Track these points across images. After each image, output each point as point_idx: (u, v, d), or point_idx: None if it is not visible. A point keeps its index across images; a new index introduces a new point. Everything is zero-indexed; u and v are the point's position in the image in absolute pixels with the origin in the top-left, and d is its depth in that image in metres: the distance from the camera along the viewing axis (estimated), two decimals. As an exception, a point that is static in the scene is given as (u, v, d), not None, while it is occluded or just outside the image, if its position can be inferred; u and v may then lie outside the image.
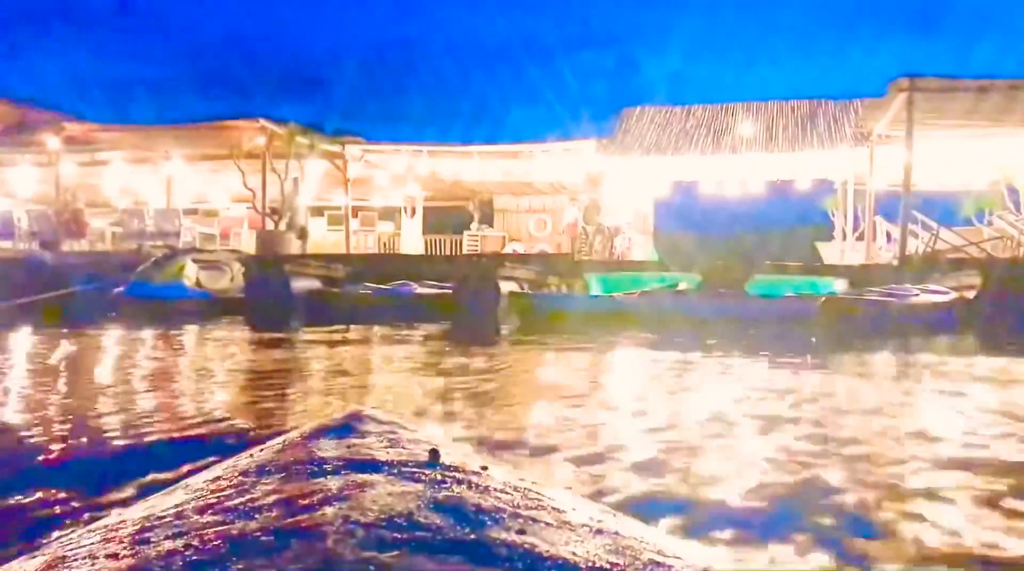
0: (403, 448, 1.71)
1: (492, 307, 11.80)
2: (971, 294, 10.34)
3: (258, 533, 1.18)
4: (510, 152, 19.21)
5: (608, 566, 1.22)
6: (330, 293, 12.36)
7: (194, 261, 13.18)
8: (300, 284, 12.68)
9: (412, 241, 21.02)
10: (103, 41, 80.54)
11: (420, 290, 12.63)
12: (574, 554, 1.23)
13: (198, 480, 1.66)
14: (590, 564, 1.21)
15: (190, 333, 9.93)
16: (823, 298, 9.49)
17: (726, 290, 11.13)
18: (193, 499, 1.44)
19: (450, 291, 12.44)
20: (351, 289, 12.54)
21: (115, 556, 1.18)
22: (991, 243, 13.63)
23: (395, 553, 1.12)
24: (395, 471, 1.50)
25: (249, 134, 16.97)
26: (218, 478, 1.58)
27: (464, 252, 19.98)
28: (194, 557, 1.12)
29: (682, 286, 12.44)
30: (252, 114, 16.74)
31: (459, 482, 1.49)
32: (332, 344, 8.71)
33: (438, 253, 21.67)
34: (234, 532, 1.20)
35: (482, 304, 12.07)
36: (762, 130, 18.40)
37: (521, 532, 1.27)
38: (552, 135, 18.96)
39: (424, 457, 1.63)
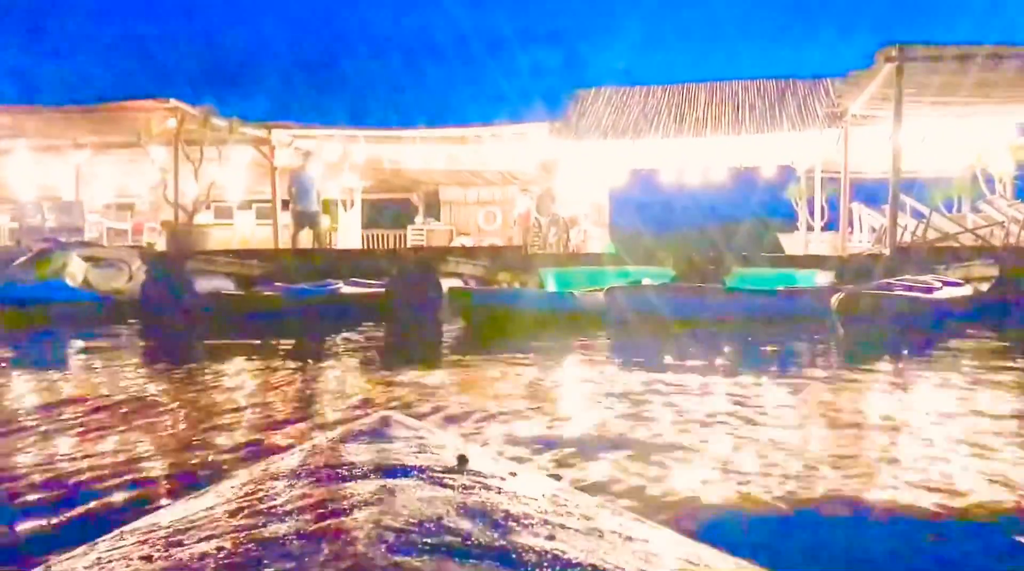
0: (431, 453, 1.66)
1: (432, 308, 9.66)
2: (984, 286, 8.55)
3: (290, 537, 1.17)
4: (456, 137, 17.22)
5: (638, 574, 1.13)
6: (235, 296, 10.12)
7: (83, 257, 10.85)
8: (207, 284, 10.42)
9: (350, 236, 18.85)
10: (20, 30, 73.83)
11: (346, 289, 10.48)
12: (604, 561, 1.20)
13: (229, 484, 1.63)
14: (620, 571, 1.11)
15: (38, 351, 7.67)
16: (839, 294, 7.55)
17: (704, 285, 9.21)
18: (225, 503, 1.42)
19: (382, 290, 10.28)
20: (263, 289, 10.30)
21: (149, 558, 1.18)
22: (985, 230, 11.81)
23: (425, 558, 1.09)
24: (424, 476, 1.47)
25: (159, 116, 14.71)
26: (249, 482, 1.56)
27: (408, 247, 17.79)
28: (226, 560, 1.11)
29: (645, 282, 10.88)
30: (161, 94, 14.32)
31: (488, 487, 1.45)
32: (212, 365, 6.44)
33: (380, 249, 19.44)
34: (266, 535, 1.19)
35: (420, 304, 9.92)
36: (728, 111, 16.49)
37: (551, 538, 1.25)
38: (501, 118, 16.73)
39: (452, 462, 1.57)
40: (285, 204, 16.52)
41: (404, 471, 1.50)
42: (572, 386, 5.76)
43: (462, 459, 1.61)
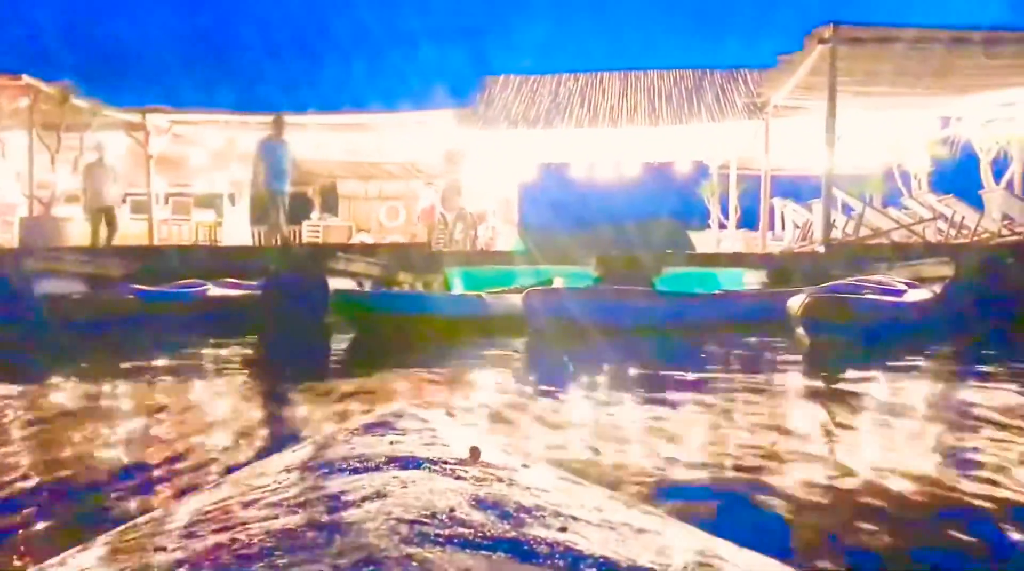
0: (443, 445, 1.65)
1: (317, 314, 8.00)
2: (937, 287, 7.51)
3: (303, 528, 1.16)
4: (354, 124, 15.63)
5: (651, 566, 1.16)
6: (77, 300, 8.25)
7: None
8: (50, 285, 8.52)
9: (238, 232, 16.90)
10: None
11: (216, 292, 8.72)
12: (616, 553, 1.17)
13: (242, 475, 1.61)
14: (632, 563, 1.14)
15: None
16: (801, 297, 6.25)
17: (635, 288, 7.90)
18: (238, 494, 1.41)
19: (258, 292, 8.58)
20: (115, 293, 8.45)
21: (163, 549, 1.16)
22: (921, 226, 10.96)
23: (438, 550, 1.08)
24: (437, 468, 1.46)
25: (8, 95, 12.41)
26: (262, 474, 1.54)
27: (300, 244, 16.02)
28: (240, 551, 1.09)
29: (558, 282, 10.05)
30: (11, 69, 12.17)
31: (500, 479, 1.44)
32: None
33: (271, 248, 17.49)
34: (279, 527, 1.17)
35: (303, 310, 8.26)
36: (644, 102, 15.33)
37: (563, 530, 1.23)
38: (403, 104, 15.12)
39: (464, 454, 1.55)
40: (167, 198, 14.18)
41: (416, 462, 1.48)
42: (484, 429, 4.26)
43: (474, 451, 1.58)
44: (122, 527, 1.38)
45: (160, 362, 6.67)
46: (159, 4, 72.24)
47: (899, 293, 7.40)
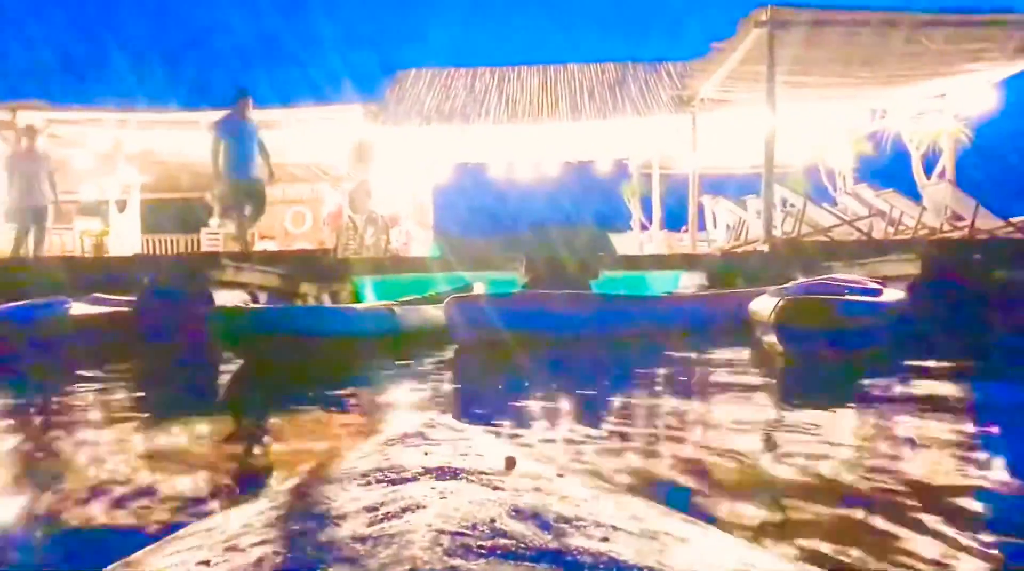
0: (477, 455, 1.64)
1: (200, 334, 6.51)
2: (901, 287, 6.65)
3: (346, 540, 1.14)
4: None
5: (693, 576, 1.22)
6: None
7: None
8: None
9: (128, 242, 15.16)
10: None
11: (82, 309, 7.17)
12: (660, 563, 1.16)
13: (282, 489, 1.56)
14: (675, 574, 1.21)
15: None
16: (773, 300, 5.10)
17: (577, 293, 6.75)
18: (279, 507, 1.38)
19: (129, 309, 7.11)
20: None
21: (207, 563, 1.14)
22: (866, 222, 10.21)
23: (482, 561, 1.08)
24: (474, 479, 1.44)
25: None
26: (301, 486, 1.52)
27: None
28: (284, 565, 1.09)
29: (478, 288, 8.92)
30: None
31: (537, 489, 1.42)
32: None
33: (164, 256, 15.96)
34: (322, 539, 1.16)
35: (184, 330, 6.78)
36: (566, 96, 14.26)
37: (604, 540, 1.21)
38: (307, 100, 13.62)
39: (500, 464, 1.53)
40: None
41: (454, 474, 1.47)
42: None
43: (510, 461, 1.56)
44: (162, 540, 1.37)
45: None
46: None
47: (876, 293, 6.39)
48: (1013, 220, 11.30)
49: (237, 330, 6.58)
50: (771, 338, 5.44)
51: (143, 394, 5.79)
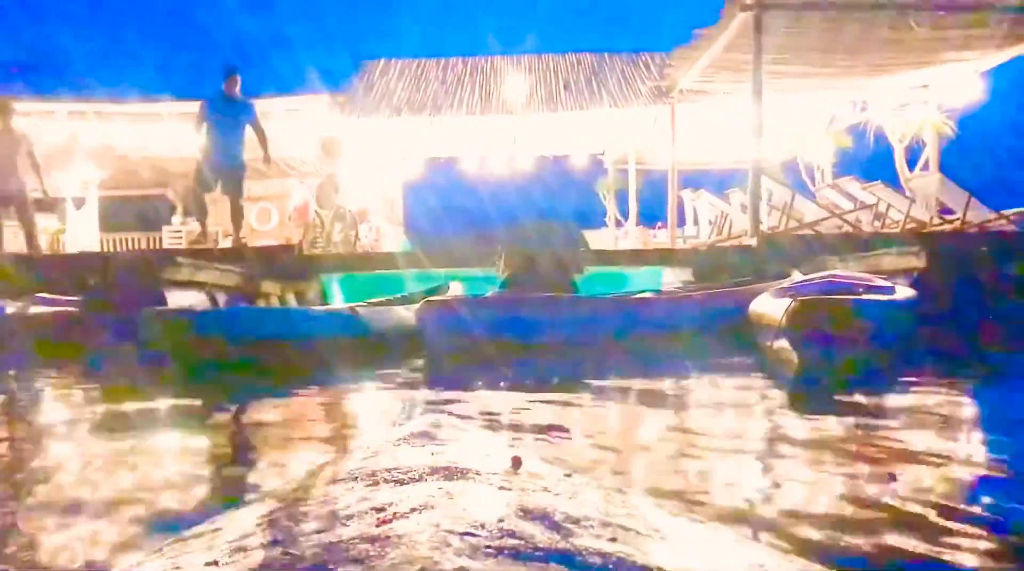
0: (484, 455, 1.63)
1: (150, 340, 5.79)
2: (906, 283, 6.19)
3: (354, 540, 1.13)
4: (215, 112, 13.12)
5: (701, 575, 1.23)
6: None
7: None
8: None
9: (86, 240, 14.41)
10: None
11: (23, 310, 6.55)
12: (668, 562, 1.15)
13: (288, 489, 1.55)
14: (684, 573, 1.21)
15: None
16: (786, 301, 4.51)
17: (558, 294, 6.15)
18: (286, 508, 1.36)
19: (74, 311, 6.51)
20: None
21: (215, 563, 1.12)
22: (854, 216, 9.82)
23: (491, 562, 1.06)
24: (481, 478, 1.42)
25: None
26: (308, 487, 1.49)
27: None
28: (292, 566, 1.07)
29: (453, 287, 8.83)
30: None
31: (545, 489, 1.42)
32: None
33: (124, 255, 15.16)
34: (330, 539, 1.14)
35: (132, 333, 6.08)
36: (542, 87, 13.70)
37: (612, 540, 1.21)
38: (270, 90, 12.94)
39: (507, 464, 1.52)
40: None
41: (460, 473, 1.45)
42: None
43: (516, 460, 1.54)
44: (169, 541, 1.36)
45: None
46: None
47: (890, 291, 5.85)
48: (1005, 212, 10.97)
49: (181, 337, 5.85)
50: (782, 343, 4.76)
51: (88, 396, 5.18)
